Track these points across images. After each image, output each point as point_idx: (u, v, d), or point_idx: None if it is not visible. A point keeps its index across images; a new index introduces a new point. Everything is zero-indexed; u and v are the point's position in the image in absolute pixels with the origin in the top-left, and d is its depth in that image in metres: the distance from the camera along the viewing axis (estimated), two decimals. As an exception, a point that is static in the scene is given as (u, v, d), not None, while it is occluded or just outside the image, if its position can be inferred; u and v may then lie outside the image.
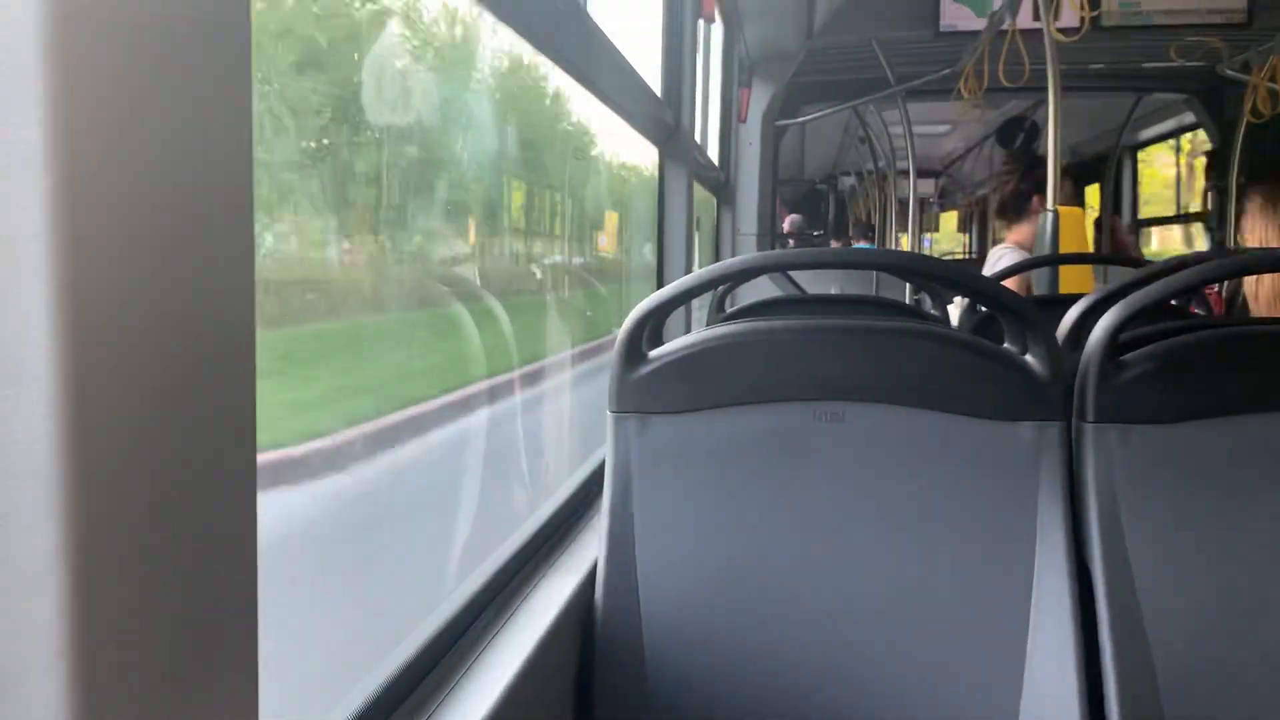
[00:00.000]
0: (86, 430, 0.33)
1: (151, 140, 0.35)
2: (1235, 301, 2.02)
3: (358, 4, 1.11)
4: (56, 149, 0.31)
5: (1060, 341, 1.45)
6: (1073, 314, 1.48)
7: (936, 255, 11.02)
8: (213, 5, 0.39)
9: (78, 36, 0.32)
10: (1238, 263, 1.43)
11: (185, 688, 0.38)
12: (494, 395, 1.53)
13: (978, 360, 1.14)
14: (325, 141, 1.01)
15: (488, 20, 1.34)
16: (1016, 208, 3.05)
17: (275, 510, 0.76)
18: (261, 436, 0.43)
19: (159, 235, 0.36)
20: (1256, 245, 1.91)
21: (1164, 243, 5.74)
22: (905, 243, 6.24)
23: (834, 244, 7.84)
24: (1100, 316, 1.18)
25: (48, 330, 0.32)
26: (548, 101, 1.83)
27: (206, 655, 0.39)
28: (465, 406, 1.45)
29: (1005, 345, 1.18)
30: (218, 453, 0.40)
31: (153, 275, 0.36)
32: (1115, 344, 1.16)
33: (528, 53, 1.53)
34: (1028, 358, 1.14)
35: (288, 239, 0.93)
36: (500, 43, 1.47)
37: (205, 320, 0.39)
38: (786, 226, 6.89)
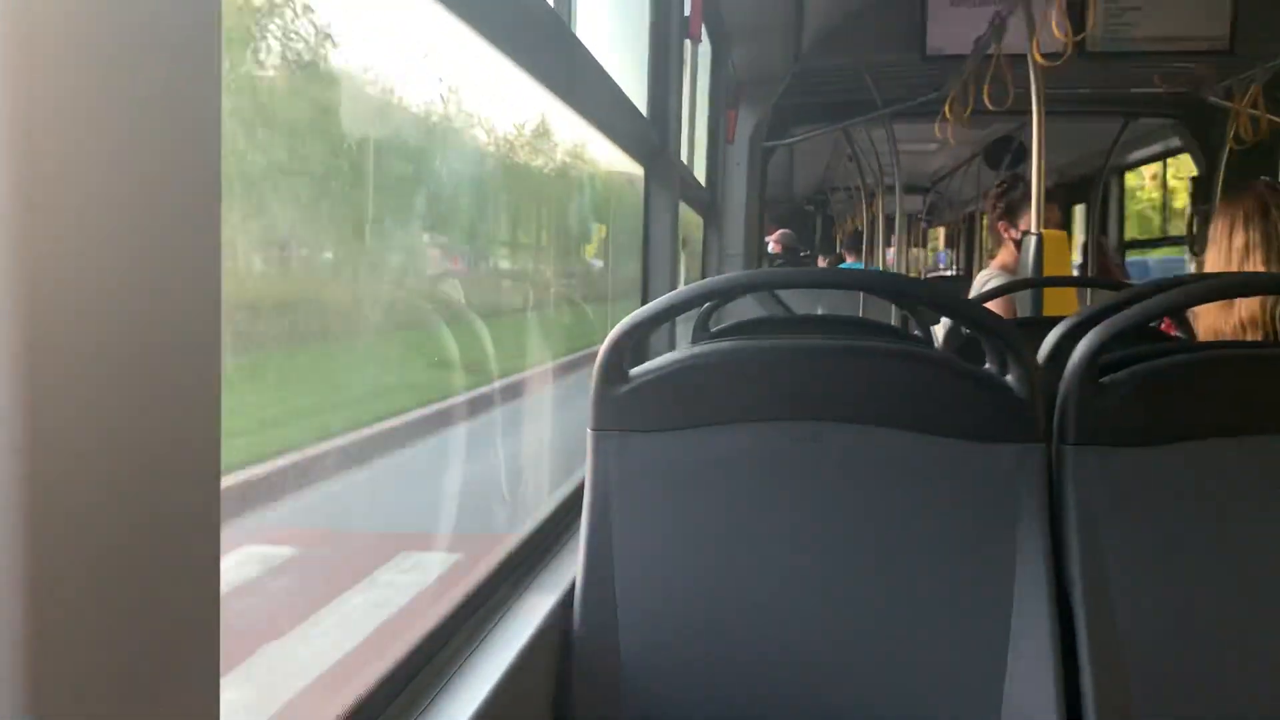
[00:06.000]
0: (44, 433, 0.32)
1: (116, 142, 0.35)
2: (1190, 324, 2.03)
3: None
4: (15, 149, 0.31)
5: (1041, 363, 1.45)
6: (1053, 336, 1.49)
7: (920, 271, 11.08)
8: (182, 6, 0.39)
9: (40, 35, 0.32)
10: (1217, 287, 1.44)
11: (145, 694, 0.38)
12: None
13: (958, 381, 1.14)
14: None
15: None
16: (995, 232, 3.13)
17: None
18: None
19: (123, 237, 0.36)
20: (1210, 270, 1.92)
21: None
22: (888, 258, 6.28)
23: (820, 262, 7.85)
24: (1081, 338, 1.19)
25: (7, 333, 0.31)
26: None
27: (167, 661, 0.39)
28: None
29: (986, 367, 1.18)
30: (181, 457, 0.40)
31: (115, 277, 0.35)
32: (1095, 366, 1.16)
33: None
34: (1008, 379, 1.14)
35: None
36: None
37: (169, 322, 0.38)
38: (774, 244, 6.89)
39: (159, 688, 0.39)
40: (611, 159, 2.04)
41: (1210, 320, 1.86)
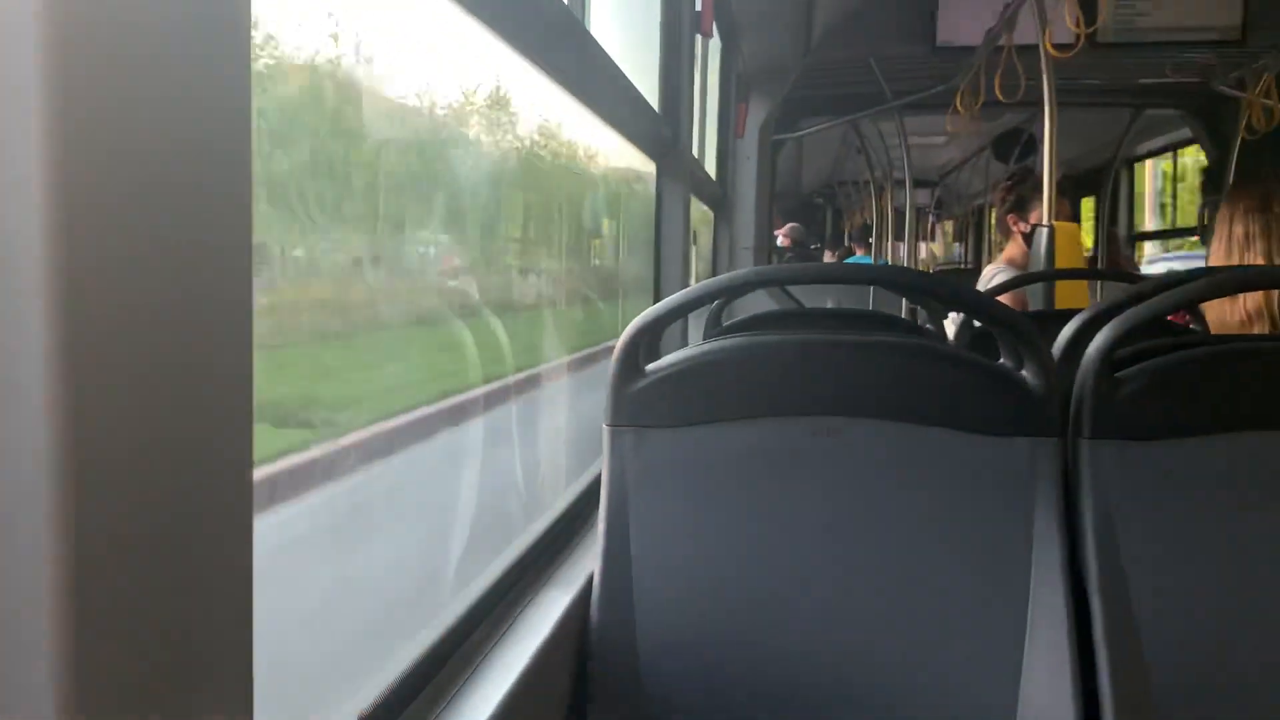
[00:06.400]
0: (82, 434, 0.33)
1: (150, 143, 0.36)
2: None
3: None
4: (54, 150, 0.32)
5: (1055, 357, 1.45)
6: (1068, 330, 1.49)
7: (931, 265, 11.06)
8: (214, 6, 0.39)
9: (76, 36, 0.32)
10: (1231, 280, 1.43)
11: (180, 692, 0.38)
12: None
13: (973, 375, 1.14)
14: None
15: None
16: (1003, 226, 3.13)
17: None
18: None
19: (157, 237, 0.36)
20: (1214, 263, 1.92)
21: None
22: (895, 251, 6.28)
23: (829, 255, 7.85)
24: (1096, 332, 1.19)
25: (44, 333, 0.32)
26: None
27: (201, 661, 0.40)
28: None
29: (1000, 361, 1.18)
30: (215, 457, 0.40)
31: (150, 277, 0.36)
32: (1110, 361, 1.16)
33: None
34: (1023, 373, 1.15)
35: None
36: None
37: (203, 323, 0.39)
38: (783, 238, 6.89)
39: (192, 686, 0.39)
40: (591, 135, 1.77)
41: (1216, 312, 1.87)
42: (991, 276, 2.96)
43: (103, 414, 0.34)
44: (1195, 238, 5.58)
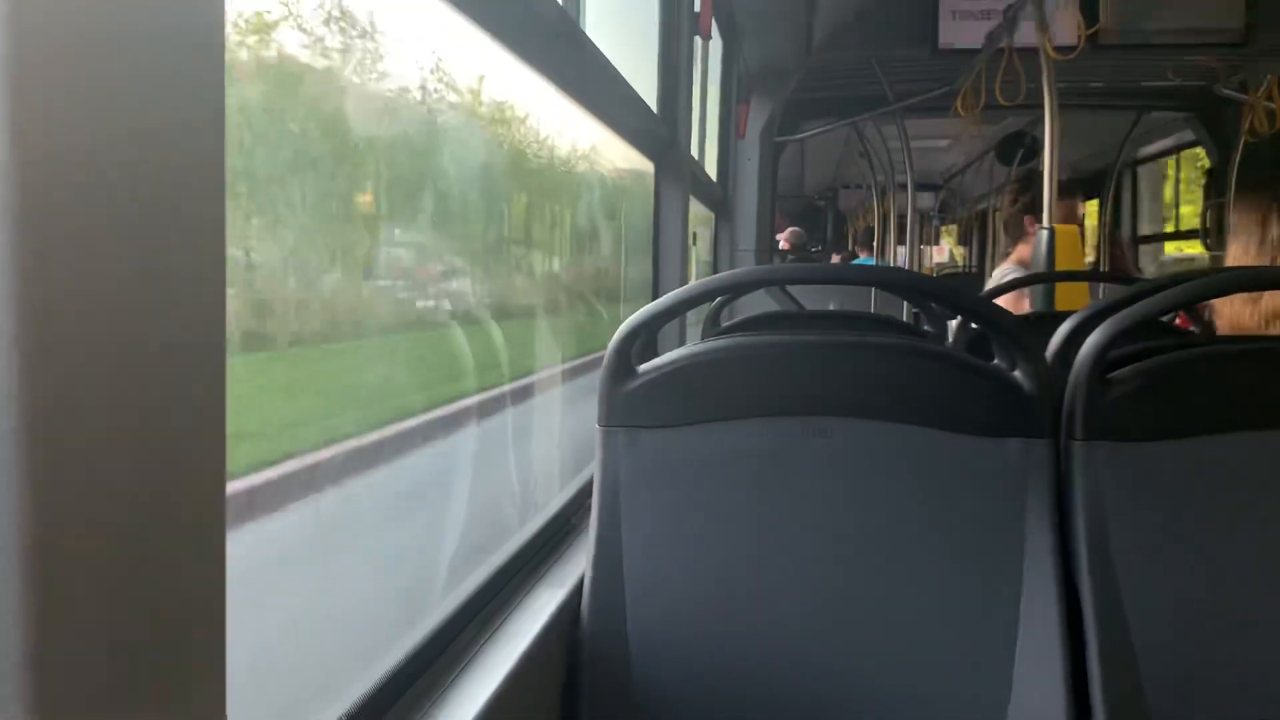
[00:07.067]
0: (53, 438, 0.33)
1: (123, 142, 0.36)
2: (1204, 318, 2.01)
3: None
4: (20, 150, 0.31)
5: (1051, 358, 1.45)
6: (1063, 331, 1.48)
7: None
8: (187, 6, 0.39)
9: (45, 36, 0.32)
10: (1225, 281, 1.43)
11: (150, 695, 0.38)
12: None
13: (966, 376, 1.14)
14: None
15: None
16: (1015, 227, 3.11)
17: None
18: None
19: (128, 238, 0.36)
20: (1234, 264, 1.90)
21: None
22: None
23: (835, 258, 7.85)
24: (1090, 333, 1.19)
25: (11, 330, 0.32)
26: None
27: (173, 659, 0.40)
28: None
29: (995, 362, 1.18)
30: (187, 455, 0.40)
31: (122, 275, 0.36)
32: (1104, 361, 1.16)
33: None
34: (1016, 374, 1.15)
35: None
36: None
37: (175, 322, 0.39)
38: (784, 242, 6.90)
39: (165, 689, 0.39)
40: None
41: (1232, 314, 1.85)
42: (1003, 276, 2.96)
43: (75, 418, 0.34)
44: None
